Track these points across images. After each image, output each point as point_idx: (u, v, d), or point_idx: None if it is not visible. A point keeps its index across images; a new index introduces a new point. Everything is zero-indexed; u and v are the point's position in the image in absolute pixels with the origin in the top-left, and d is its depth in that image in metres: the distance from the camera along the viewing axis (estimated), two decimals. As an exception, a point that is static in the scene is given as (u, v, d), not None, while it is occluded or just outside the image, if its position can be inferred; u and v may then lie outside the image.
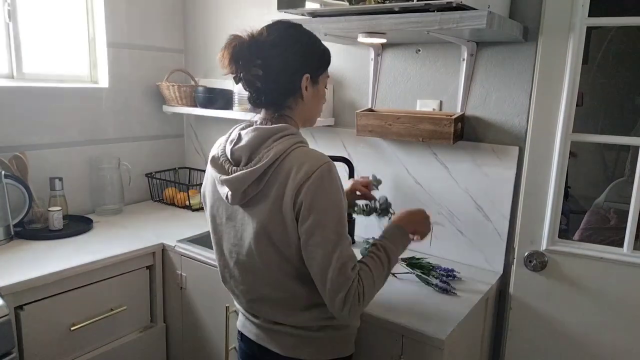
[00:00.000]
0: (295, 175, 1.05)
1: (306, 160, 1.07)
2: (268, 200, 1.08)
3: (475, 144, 1.72)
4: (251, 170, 1.07)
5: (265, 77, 1.11)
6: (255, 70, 1.10)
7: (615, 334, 1.53)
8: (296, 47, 1.13)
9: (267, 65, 1.10)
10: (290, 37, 1.14)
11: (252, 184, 1.08)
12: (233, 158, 1.13)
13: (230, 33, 1.12)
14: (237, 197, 1.10)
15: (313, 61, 1.17)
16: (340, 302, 1.06)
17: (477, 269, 1.75)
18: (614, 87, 2.14)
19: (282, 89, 1.14)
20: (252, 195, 1.10)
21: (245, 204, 1.12)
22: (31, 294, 1.55)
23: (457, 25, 1.31)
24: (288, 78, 1.13)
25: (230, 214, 1.18)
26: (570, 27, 1.47)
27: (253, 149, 1.10)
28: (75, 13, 2.22)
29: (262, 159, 1.07)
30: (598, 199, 1.97)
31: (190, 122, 2.61)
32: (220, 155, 1.15)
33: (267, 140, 1.09)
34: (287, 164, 1.07)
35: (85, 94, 2.20)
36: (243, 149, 1.11)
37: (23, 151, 1.96)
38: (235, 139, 1.14)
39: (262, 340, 1.25)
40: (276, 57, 1.11)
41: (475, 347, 1.63)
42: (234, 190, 1.10)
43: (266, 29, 1.13)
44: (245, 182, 1.08)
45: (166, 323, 2.00)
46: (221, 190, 1.15)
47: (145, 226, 2.10)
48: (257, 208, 1.10)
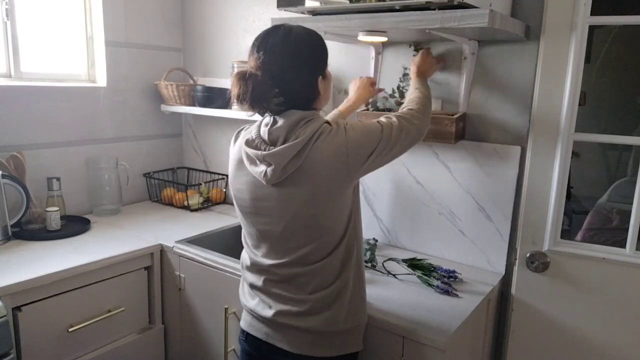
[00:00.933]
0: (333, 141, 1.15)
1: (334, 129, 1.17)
2: (310, 176, 1.14)
3: (477, 144, 1.71)
4: (293, 144, 1.12)
5: (286, 100, 1.15)
6: (277, 100, 1.15)
7: (618, 335, 1.52)
8: (304, 60, 1.17)
9: (285, 91, 1.15)
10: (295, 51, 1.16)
11: (293, 159, 1.13)
12: (270, 139, 1.16)
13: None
14: (276, 173, 1.14)
15: (320, 62, 1.22)
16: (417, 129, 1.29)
17: (479, 269, 1.74)
18: (617, 87, 2.13)
19: (304, 99, 1.20)
20: (290, 172, 1.14)
21: (282, 182, 1.16)
22: (29, 295, 1.54)
23: (459, 23, 1.30)
24: (308, 90, 1.19)
25: (262, 195, 1.20)
26: (573, 26, 1.46)
27: (290, 128, 1.15)
28: (73, 12, 2.21)
29: (299, 135, 1.13)
30: (600, 199, 1.95)
31: (189, 121, 2.60)
32: (255, 138, 1.19)
33: (301, 121, 1.16)
34: (323, 137, 1.15)
35: (83, 93, 2.19)
36: (280, 130, 1.15)
37: (20, 151, 1.95)
38: (270, 122, 1.18)
39: (271, 338, 1.25)
40: (292, 80, 1.16)
41: (476, 349, 1.61)
42: (276, 164, 1.13)
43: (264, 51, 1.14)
44: (287, 156, 1.12)
45: (164, 324, 1.98)
46: (257, 169, 1.17)
47: (144, 227, 2.09)
48: (297, 185, 1.15)
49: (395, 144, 1.23)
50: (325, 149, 1.14)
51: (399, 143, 1.24)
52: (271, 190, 1.18)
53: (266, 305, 1.27)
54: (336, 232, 1.20)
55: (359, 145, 1.17)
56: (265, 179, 1.16)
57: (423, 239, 1.87)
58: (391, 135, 1.21)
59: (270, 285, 1.26)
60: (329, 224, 1.19)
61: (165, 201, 2.45)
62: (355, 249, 1.26)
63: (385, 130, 1.21)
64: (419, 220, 1.87)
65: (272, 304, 1.26)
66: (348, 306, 1.24)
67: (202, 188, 2.43)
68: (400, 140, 1.24)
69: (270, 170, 1.14)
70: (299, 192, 1.16)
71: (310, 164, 1.14)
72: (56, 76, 2.18)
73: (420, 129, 1.31)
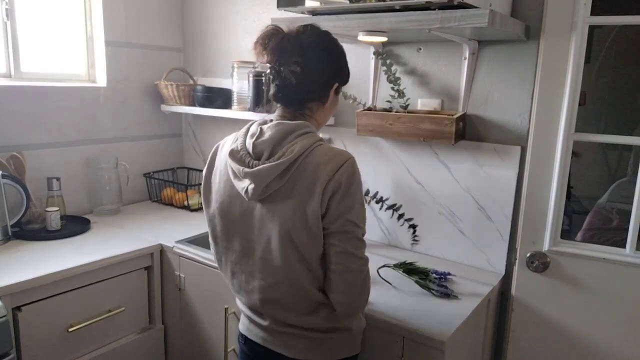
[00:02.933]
0: (325, 168, 1.07)
1: (332, 155, 1.09)
2: (292, 197, 1.08)
3: (477, 144, 1.71)
4: (276, 164, 1.07)
5: (302, 75, 1.12)
6: (294, 67, 1.11)
7: (618, 335, 1.52)
8: (336, 55, 1.18)
9: (306, 65, 1.12)
10: (331, 44, 1.18)
11: (276, 179, 1.08)
12: (254, 152, 1.11)
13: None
14: (258, 191, 1.09)
15: (343, 72, 1.22)
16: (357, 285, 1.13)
17: (479, 269, 1.74)
18: (617, 87, 2.13)
19: (313, 91, 1.16)
20: (273, 190, 1.09)
21: (264, 199, 1.11)
22: (29, 295, 1.54)
23: (459, 23, 1.30)
24: (322, 82, 1.17)
25: (246, 210, 1.15)
26: (573, 26, 1.46)
27: (276, 143, 1.09)
28: (73, 12, 2.21)
29: (286, 153, 1.07)
30: (600, 199, 1.96)
31: (189, 121, 2.60)
32: (241, 149, 1.14)
33: (289, 136, 1.10)
34: (312, 160, 1.08)
35: (83, 93, 2.19)
36: (265, 143, 1.10)
37: (20, 151, 1.95)
38: (256, 133, 1.13)
39: (268, 343, 1.24)
40: (317, 59, 1.14)
41: (476, 349, 1.61)
42: (257, 183, 1.08)
43: (307, 30, 1.15)
44: (270, 176, 1.07)
45: (164, 324, 1.98)
46: (240, 184, 1.12)
47: (144, 227, 2.09)
48: (280, 204, 1.10)
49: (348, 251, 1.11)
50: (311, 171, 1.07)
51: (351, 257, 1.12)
52: (253, 204, 1.14)
53: (261, 316, 1.25)
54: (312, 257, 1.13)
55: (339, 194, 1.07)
56: (246, 195, 1.11)
57: (423, 239, 1.87)
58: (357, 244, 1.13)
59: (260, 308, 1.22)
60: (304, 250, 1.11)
61: (165, 201, 2.45)
62: None
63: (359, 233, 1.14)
64: (419, 221, 1.87)
65: (267, 316, 1.23)
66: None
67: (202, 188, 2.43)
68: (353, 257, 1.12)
69: (251, 188, 1.09)
70: (280, 210, 1.10)
71: (292, 183, 1.08)
72: (56, 76, 2.18)
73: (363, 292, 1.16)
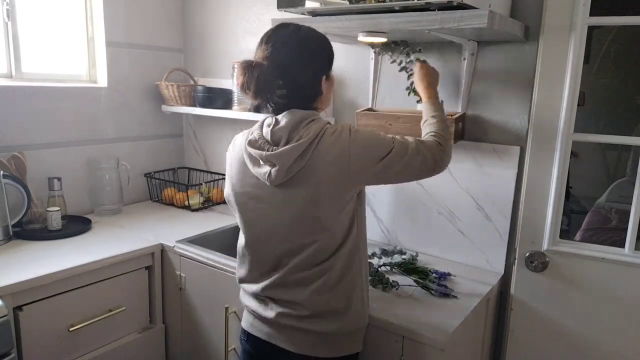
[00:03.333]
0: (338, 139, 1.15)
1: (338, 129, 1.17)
2: (312, 177, 1.14)
3: (476, 144, 1.71)
4: (297, 144, 1.13)
5: (289, 93, 1.17)
6: (280, 92, 1.16)
7: (616, 334, 1.52)
8: (310, 56, 1.19)
9: (289, 82, 1.16)
10: (302, 46, 1.18)
11: (297, 160, 1.13)
12: (273, 139, 1.17)
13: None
14: (281, 174, 1.14)
15: (325, 62, 1.23)
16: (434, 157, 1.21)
17: (478, 269, 1.74)
18: (616, 87, 2.13)
19: (307, 96, 1.21)
20: (294, 172, 1.14)
21: (286, 183, 1.16)
22: (30, 294, 1.54)
23: (458, 24, 1.30)
24: (310, 87, 1.21)
25: (267, 196, 1.20)
26: (572, 27, 1.46)
27: (292, 129, 1.16)
28: (74, 12, 2.22)
29: (302, 136, 1.14)
30: (599, 199, 1.96)
31: (190, 121, 2.60)
32: (259, 138, 1.19)
33: (303, 122, 1.16)
34: (326, 138, 1.15)
35: (84, 94, 2.20)
36: (282, 130, 1.16)
37: (22, 151, 1.96)
38: (273, 123, 1.18)
39: (273, 338, 1.25)
40: (297, 73, 1.17)
41: (476, 348, 1.62)
42: (280, 164, 1.13)
43: (273, 43, 1.16)
44: (292, 157, 1.13)
45: (165, 324, 1.99)
46: (261, 171, 1.17)
47: (144, 226, 2.09)
48: (300, 186, 1.15)
49: (408, 164, 1.18)
50: (327, 151, 1.14)
51: (412, 165, 1.18)
52: (273, 190, 1.19)
53: (267, 307, 1.27)
54: (337, 235, 1.20)
55: (364, 149, 1.15)
56: (269, 179, 1.16)
57: (422, 239, 1.87)
58: (406, 151, 1.18)
59: (270, 291, 1.26)
60: (329, 225, 1.18)
61: (166, 201, 2.46)
62: (359, 253, 1.25)
63: (398, 145, 1.18)
64: (418, 221, 1.87)
65: (274, 306, 1.25)
66: (350, 308, 1.24)
67: (203, 188, 2.44)
68: (414, 163, 1.18)
69: (274, 171, 1.14)
70: (300, 192, 1.16)
71: (312, 165, 1.14)
72: (57, 76, 2.19)
73: (438, 160, 1.22)
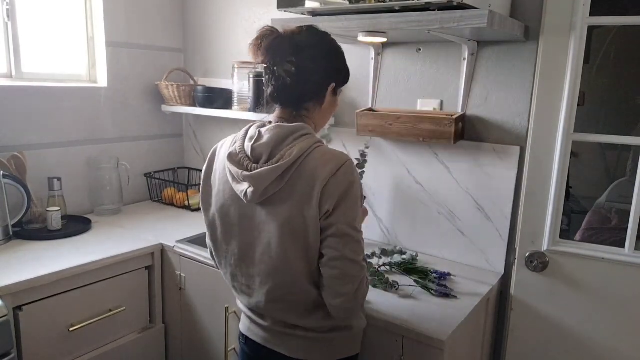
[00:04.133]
0: (323, 170, 1.07)
1: (330, 157, 1.09)
2: (291, 199, 1.08)
3: (476, 144, 1.71)
4: (275, 167, 1.07)
5: (296, 75, 1.12)
6: (289, 67, 1.11)
7: (616, 334, 1.52)
8: (332, 56, 1.18)
9: (301, 64, 1.12)
10: (328, 44, 1.18)
11: (274, 181, 1.08)
12: (253, 155, 1.11)
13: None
14: (257, 195, 1.08)
15: (341, 73, 1.21)
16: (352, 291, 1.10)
17: (478, 269, 1.74)
18: (616, 87, 2.13)
19: (309, 91, 1.16)
20: (272, 193, 1.09)
21: (264, 202, 1.11)
22: (30, 294, 1.54)
23: (458, 24, 1.31)
24: (317, 82, 1.16)
25: (245, 213, 1.15)
26: (572, 27, 1.46)
27: (274, 146, 1.09)
28: (74, 12, 2.22)
29: (284, 156, 1.07)
30: (599, 199, 1.95)
31: (190, 121, 2.61)
32: (239, 152, 1.13)
33: (287, 138, 1.10)
34: (310, 163, 1.08)
35: (84, 94, 2.20)
36: (264, 146, 1.10)
37: (22, 151, 1.96)
38: (255, 136, 1.13)
39: (269, 343, 1.24)
40: (312, 59, 1.13)
41: (476, 348, 1.62)
42: (256, 186, 1.08)
43: (304, 30, 1.16)
44: (268, 179, 1.07)
45: (165, 324, 1.99)
46: (239, 187, 1.12)
47: (144, 226, 2.09)
48: (279, 207, 1.10)
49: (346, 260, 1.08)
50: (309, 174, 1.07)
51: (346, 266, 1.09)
52: (252, 207, 1.14)
53: (261, 317, 1.25)
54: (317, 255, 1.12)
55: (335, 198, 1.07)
56: (245, 198, 1.10)
57: (422, 239, 1.87)
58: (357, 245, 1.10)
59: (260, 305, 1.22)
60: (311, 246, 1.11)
61: (166, 201, 2.46)
62: None
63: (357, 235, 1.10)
64: (418, 220, 1.87)
65: (268, 317, 1.24)
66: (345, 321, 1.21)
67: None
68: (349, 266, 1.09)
69: (250, 192, 1.09)
70: (280, 212, 1.10)
71: (292, 186, 1.08)
72: (57, 76, 2.19)
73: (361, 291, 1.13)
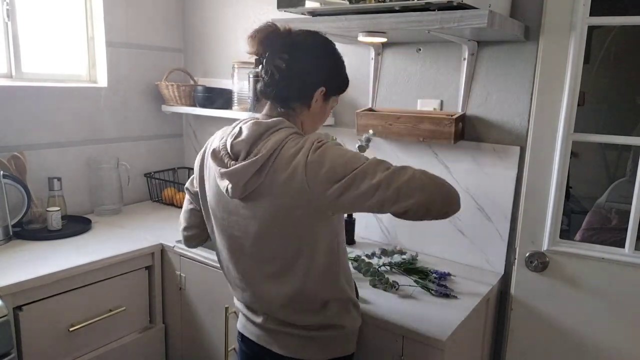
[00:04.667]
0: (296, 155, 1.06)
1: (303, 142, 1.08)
2: (273, 191, 1.08)
3: (476, 144, 1.71)
4: (251, 162, 1.07)
5: (286, 72, 1.13)
6: (279, 62, 1.12)
7: (616, 334, 1.52)
8: (326, 60, 1.18)
9: (291, 62, 1.12)
10: (324, 49, 1.18)
11: (253, 177, 1.08)
12: (232, 152, 1.12)
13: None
14: (237, 190, 1.09)
15: (334, 80, 1.20)
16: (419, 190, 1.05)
17: (478, 269, 1.74)
18: (616, 87, 2.13)
19: (296, 90, 1.15)
20: (253, 188, 1.09)
21: (247, 197, 1.11)
22: (30, 294, 1.54)
23: (458, 24, 1.30)
24: (306, 83, 1.16)
25: (231, 209, 1.16)
26: (572, 27, 1.46)
27: (251, 142, 1.10)
28: (73, 12, 2.22)
29: (260, 150, 1.07)
30: (599, 199, 1.96)
31: (190, 121, 2.61)
32: (221, 149, 1.14)
33: (264, 134, 1.10)
34: (285, 152, 1.07)
35: (84, 94, 2.20)
36: (242, 143, 1.10)
37: (22, 151, 1.96)
38: (236, 133, 1.14)
39: (263, 341, 1.24)
40: (303, 59, 1.14)
41: (476, 348, 1.62)
42: (234, 182, 1.08)
43: (303, 32, 1.17)
44: (246, 175, 1.07)
45: (165, 324, 1.99)
46: (221, 184, 1.13)
47: (144, 226, 2.09)
48: (262, 200, 1.10)
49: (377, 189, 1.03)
50: (282, 168, 1.06)
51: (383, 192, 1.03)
52: (239, 203, 1.14)
53: (255, 313, 1.26)
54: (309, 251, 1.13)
55: (320, 164, 1.04)
56: (228, 194, 1.11)
57: (422, 239, 1.87)
58: (374, 175, 1.04)
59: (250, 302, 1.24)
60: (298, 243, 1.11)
61: (166, 201, 2.46)
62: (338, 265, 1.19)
63: (369, 167, 1.05)
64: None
65: (260, 312, 1.24)
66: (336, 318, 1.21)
67: (203, 188, 2.44)
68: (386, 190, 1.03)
69: (230, 188, 1.09)
70: (261, 208, 1.10)
71: (270, 181, 1.08)
72: (57, 76, 2.19)
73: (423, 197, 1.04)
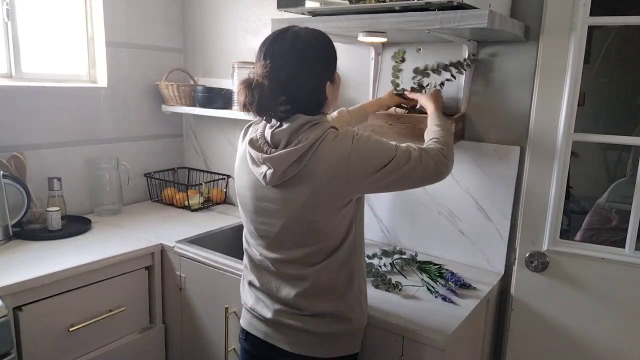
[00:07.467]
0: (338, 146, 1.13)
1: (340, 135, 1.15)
2: (310, 180, 1.13)
3: (476, 144, 1.71)
4: (293, 149, 1.12)
5: (292, 108, 1.15)
6: (284, 108, 1.15)
7: (616, 335, 1.52)
8: (312, 65, 1.16)
9: (292, 99, 1.14)
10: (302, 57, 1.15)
11: (293, 164, 1.13)
12: (272, 141, 1.17)
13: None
14: (276, 177, 1.14)
15: (328, 67, 1.21)
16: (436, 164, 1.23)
17: (478, 269, 1.74)
18: (616, 87, 2.13)
19: (312, 104, 1.19)
20: (290, 175, 1.14)
21: (283, 185, 1.16)
22: (30, 294, 1.54)
23: (458, 24, 1.30)
24: (315, 95, 1.18)
25: (263, 195, 1.21)
26: (572, 27, 1.46)
27: (292, 132, 1.14)
28: (73, 12, 2.21)
29: (301, 140, 1.13)
30: (600, 199, 1.95)
31: (190, 121, 2.60)
32: (259, 138, 1.20)
33: (304, 126, 1.15)
34: (326, 144, 1.13)
35: (83, 94, 2.20)
36: (283, 133, 1.15)
37: (21, 151, 1.95)
38: (276, 125, 1.18)
39: (270, 338, 1.25)
40: (299, 86, 1.15)
41: (476, 348, 1.62)
42: (275, 168, 1.13)
43: (271, 58, 1.13)
44: (288, 161, 1.12)
45: (165, 324, 1.99)
46: (258, 170, 1.18)
47: (144, 227, 2.09)
48: (297, 189, 1.15)
49: (410, 172, 1.18)
50: (326, 156, 1.13)
51: (414, 173, 1.19)
52: (271, 191, 1.19)
53: (265, 305, 1.27)
54: (333, 238, 1.20)
55: (364, 157, 1.14)
56: (264, 180, 1.16)
57: (422, 239, 1.87)
58: (407, 159, 1.18)
59: (268, 284, 1.27)
60: (326, 230, 1.18)
61: (165, 201, 2.46)
62: (356, 255, 1.25)
63: (400, 154, 1.17)
64: (418, 220, 1.87)
65: (270, 304, 1.26)
66: (347, 310, 1.24)
67: (203, 188, 2.44)
68: (416, 170, 1.19)
69: (269, 173, 1.15)
70: (298, 195, 1.16)
71: (309, 169, 1.13)
72: (57, 76, 2.19)
73: (440, 166, 1.25)
